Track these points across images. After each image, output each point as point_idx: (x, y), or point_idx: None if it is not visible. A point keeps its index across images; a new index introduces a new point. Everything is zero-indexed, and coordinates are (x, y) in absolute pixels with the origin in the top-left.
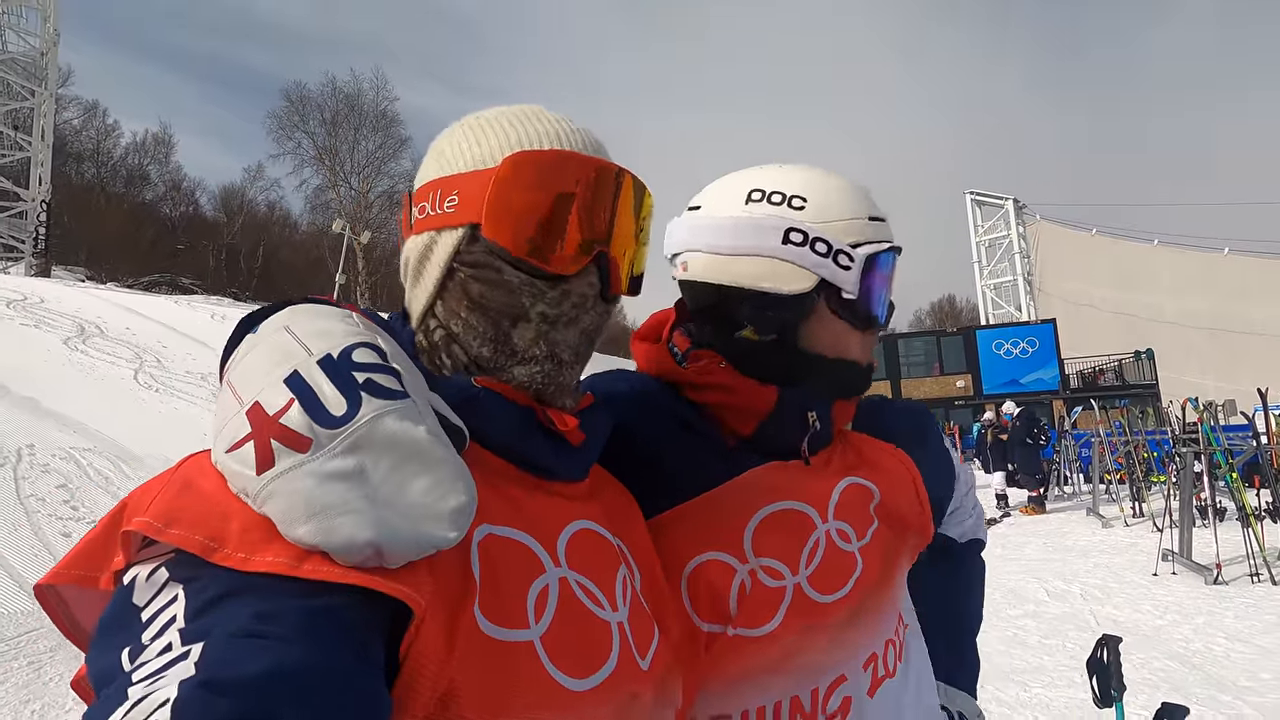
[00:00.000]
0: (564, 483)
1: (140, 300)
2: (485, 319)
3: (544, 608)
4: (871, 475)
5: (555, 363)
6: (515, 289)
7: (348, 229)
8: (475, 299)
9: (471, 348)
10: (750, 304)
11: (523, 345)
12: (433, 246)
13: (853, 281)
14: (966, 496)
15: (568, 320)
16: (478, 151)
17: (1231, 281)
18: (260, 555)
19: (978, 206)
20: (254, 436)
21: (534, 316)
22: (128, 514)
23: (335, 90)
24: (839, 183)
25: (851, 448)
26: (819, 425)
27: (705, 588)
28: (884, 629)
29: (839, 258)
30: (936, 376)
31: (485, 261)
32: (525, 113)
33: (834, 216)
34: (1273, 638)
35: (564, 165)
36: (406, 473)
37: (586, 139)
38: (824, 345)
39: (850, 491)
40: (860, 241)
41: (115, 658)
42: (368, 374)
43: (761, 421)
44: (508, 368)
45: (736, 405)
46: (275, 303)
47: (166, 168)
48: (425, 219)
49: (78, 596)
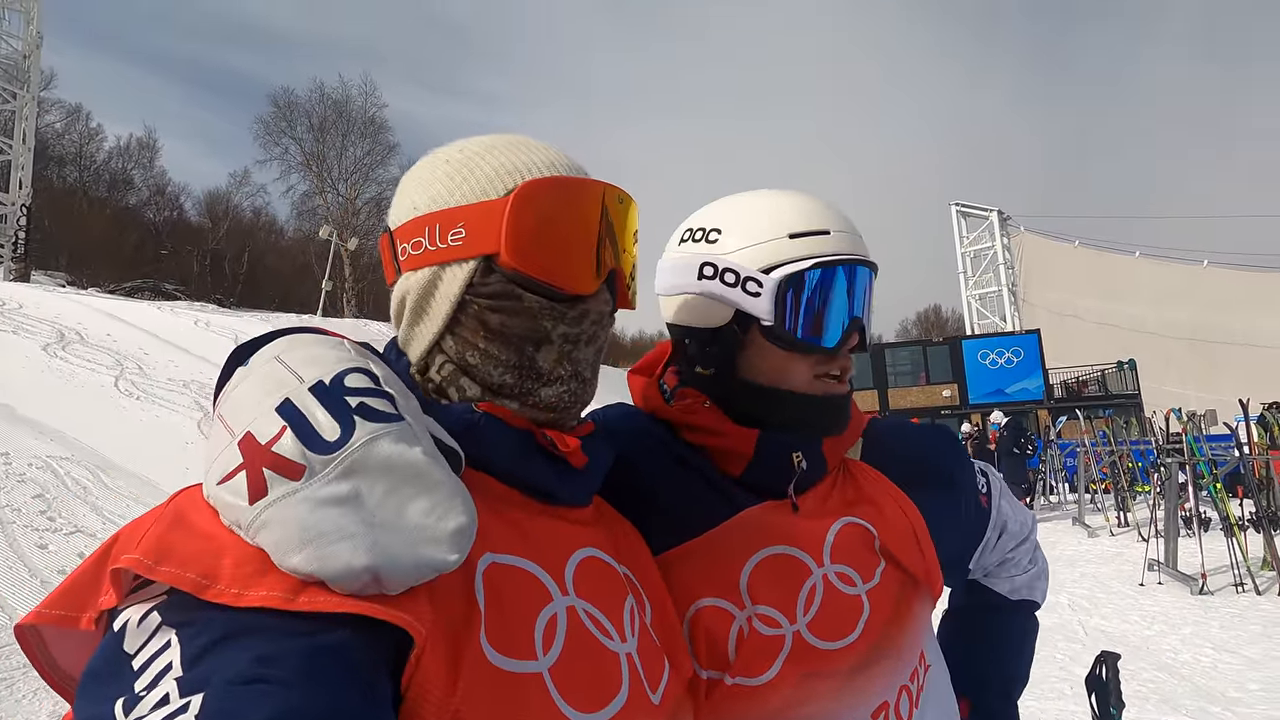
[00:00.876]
0: (568, 507)
1: (122, 306)
2: (507, 347)
3: (553, 638)
4: (870, 515)
5: (580, 381)
6: (536, 313)
7: (334, 235)
8: (495, 329)
9: (492, 377)
10: (693, 340)
11: (548, 367)
12: (437, 282)
13: (765, 308)
14: (1017, 550)
15: (588, 339)
16: (474, 183)
17: (1211, 293)
18: (254, 590)
19: (963, 218)
20: (246, 466)
21: (556, 338)
22: (117, 551)
23: (323, 96)
24: (760, 206)
25: (853, 482)
26: (805, 466)
27: (704, 634)
28: (898, 676)
29: (747, 285)
30: (923, 386)
31: (504, 291)
32: (512, 142)
33: (745, 243)
34: (1259, 648)
35: (573, 190)
36: (404, 495)
37: (573, 163)
38: (763, 375)
39: (848, 532)
40: (776, 264)
41: (107, 710)
42: (361, 398)
43: (748, 463)
44: (535, 391)
45: (722, 447)
46: (267, 334)
47: (151, 172)
48: (423, 255)
49: (57, 636)
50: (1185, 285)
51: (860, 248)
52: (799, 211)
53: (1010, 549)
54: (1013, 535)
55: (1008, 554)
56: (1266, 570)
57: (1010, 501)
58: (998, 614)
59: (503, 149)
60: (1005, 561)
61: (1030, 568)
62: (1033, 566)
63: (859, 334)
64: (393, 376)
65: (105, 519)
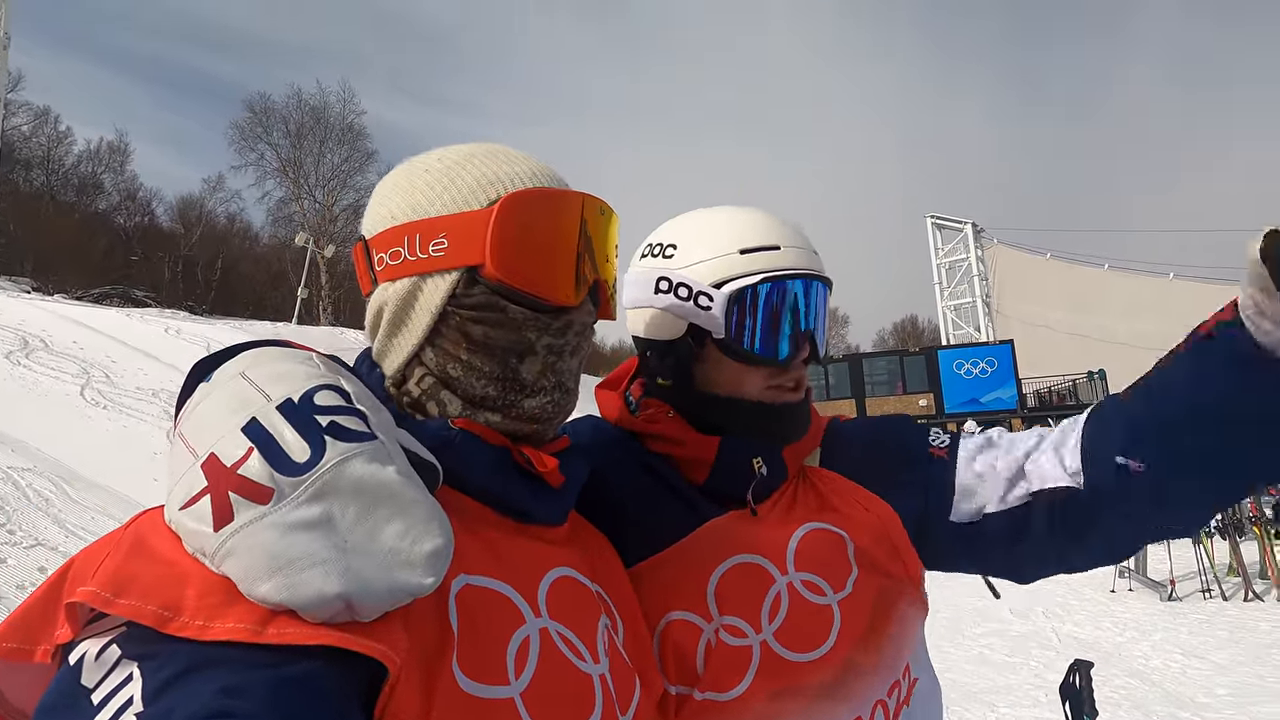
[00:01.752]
0: (543, 526)
1: (89, 313)
2: (491, 359)
3: (525, 661)
4: (838, 520)
5: (563, 391)
6: (520, 325)
7: (311, 243)
8: (478, 340)
9: (474, 389)
10: (653, 352)
11: (531, 378)
12: (418, 292)
13: (716, 322)
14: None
15: (572, 349)
16: (455, 193)
17: (1179, 305)
18: (220, 622)
19: (938, 230)
20: (210, 490)
21: (540, 349)
22: (71, 581)
23: (301, 103)
24: (714, 222)
25: (813, 489)
26: (765, 471)
27: (672, 648)
28: (874, 691)
29: (699, 299)
30: (899, 395)
31: (489, 302)
32: (492, 151)
33: (697, 258)
34: (1226, 654)
35: (556, 201)
36: (377, 518)
37: (554, 174)
38: (719, 386)
39: (813, 539)
40: (727, 278)
41: None
42: (331, 417)
43: (710, 470)
44: (518, 402)
45: (684, 456)
46: (230, 347)
47: (121, 177)
48: (402, 265)
49: (6, 670)
50: (1153, 297)
51: (813, 263)
52: (751, 227)
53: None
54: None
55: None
56: (1232, 576)
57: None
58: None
59: (483, 158)
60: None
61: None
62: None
63: (810, 346)
64: (365, 392)
65: (69, 532)
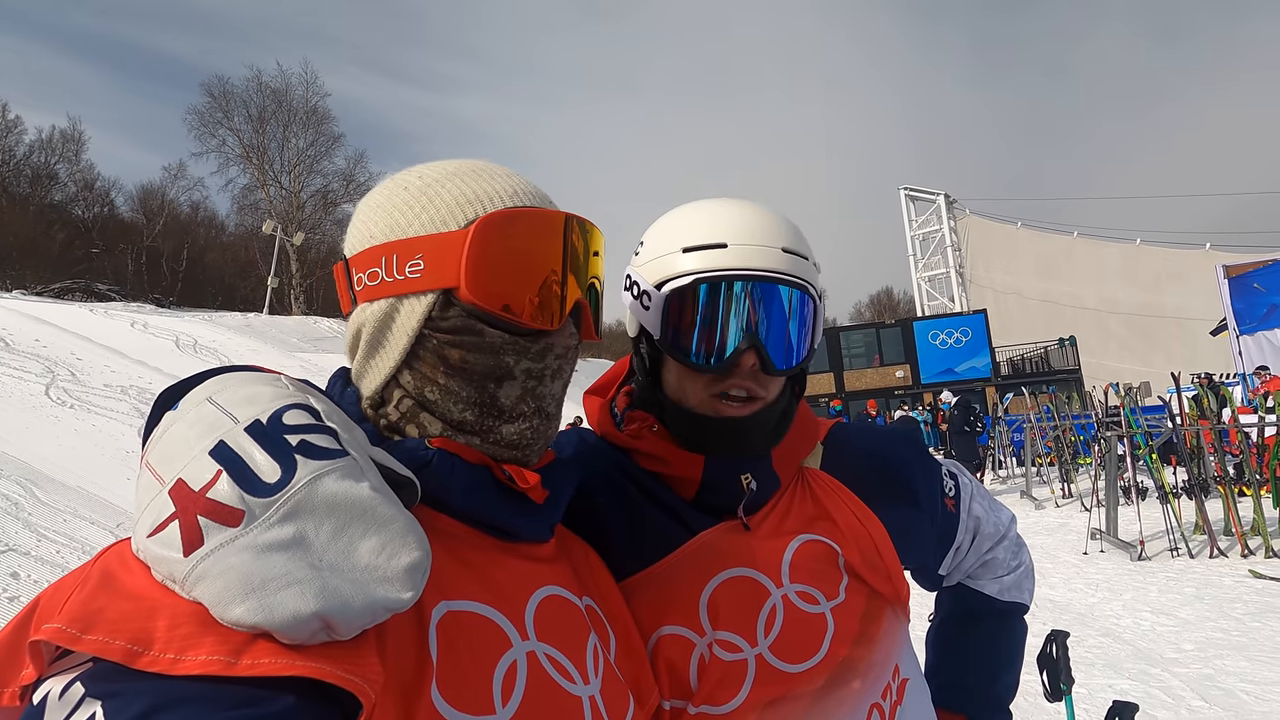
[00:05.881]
0: (529, 544)
1: (51, 309)
2: (468, 383)
3: (512, 687)
4: (831, 532)
5: (543, 417)
6: (498, 349)
7: (279, 230)
8: (455, 364)
9: (452, 413)
10: (633, 350)
11: (510, 403)
12: (394, 314)
13: (653, 322)
14: (996, 549)
15: (552, 374)
16: (434, 212)
17: (1145, 271)
18: (192, 654)
19: (911, 202)
20: (178, 515)
21: (519, 374)
22: (38, 618)
23: (261, 86)
24: (671, 219)
25: (811, 495)
26: (755, 486)
27: (665, 663)
28: (868, 695)
29: (643, 299)
30: (877, 367)
31: (464, 326)
32: (474, 169)
33: (648, 257)
34: (1192, 609)
35: (535, 222)
36: (352, 534)
37: (537, 191)
38: (671, 388)
39: (807, 550)
40: (666, 278)
41: None
42: (302, 435)
43: (699, 487)
44: (496, 428)
45: (671, 474)
46: (195, 374)
47: (77, 166)
48: (380, 286)
49: None
50: (1121, 264)
51: (775, 263)
52: (700, 224)
53: (987, 550)
54: (988, 536)
55: (986, 555)
56: (1198, 535)
57: (985, 501)
58: (987, 620)
59: (464, 176)
60: (987, 563)
61: (1016, 566)
62: (1019, 566)
63: (756, 354)
64: (335, 410)
65: (40, 535)
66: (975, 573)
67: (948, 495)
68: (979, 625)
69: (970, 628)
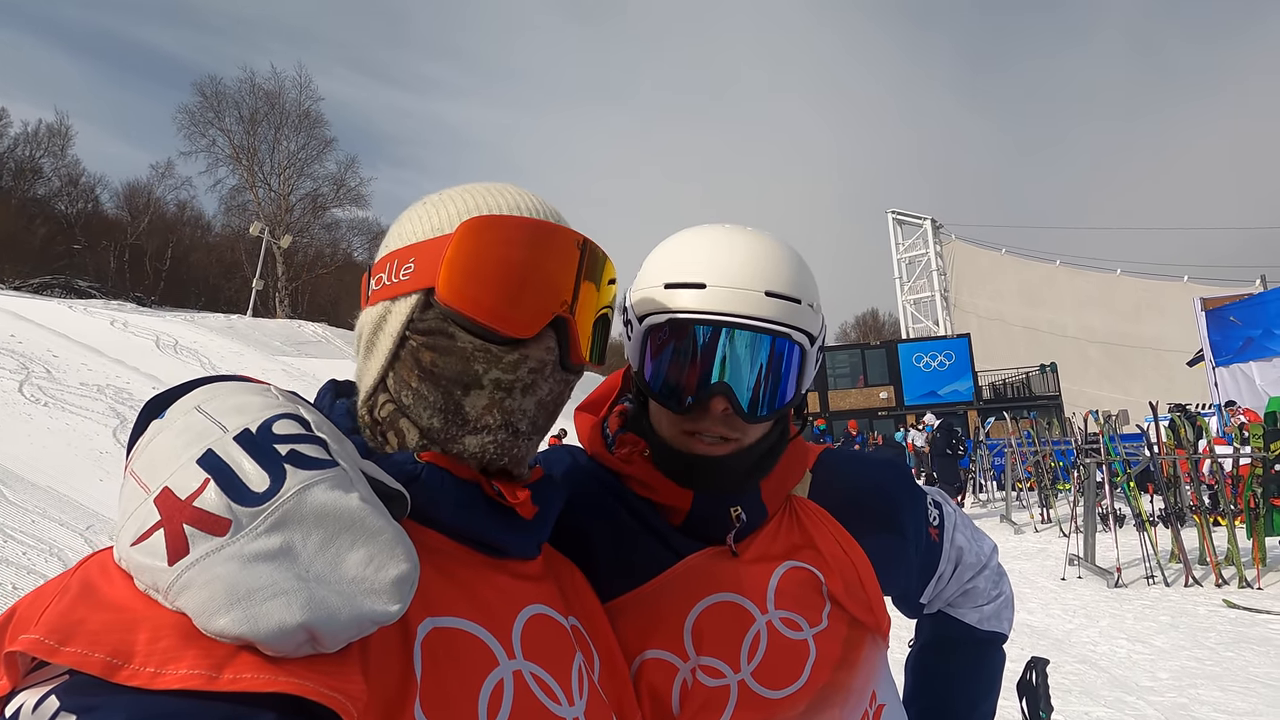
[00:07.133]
0: (516, 560)
1: (28, 305)
2: (436, 388)
3: (498, 707)
4: (815, 560)
5: (510, 432)
6: (469, 355)
7: (266, 232)
8: (426, 367)
9: (421, 419)
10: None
11: (475, 414)
12: (386, 316)
13: (634, 354)
14: (977, 578)
15: (524, 387)
16: (436, 220)
17: (1125, 300)
18: (173, 667)
19: (899, 225)
20: (164, 524)
21: (487, 383)
22: (14, 628)
23: (254, 87)
24: (664, 249)
25: (798, 524)
26: (744, 519)
27: (647, 688)
28: (848, 718)
29: (629, 329)
30: (861, 388)
31: (438, 328)
32: (491, 187)
33: (639, 286)
34: (1167, 638)
35: (521, 229)
36: (340, 546)
37: (546, 209)
38: (653, 417)
39: (792, 577)
40: (648, 313)
41: None
42: (291, 445)
43: (686, 515)
44: (459, 438)
45: (659, 501)
46: (184, 383)
47: (62, 161)
48: (380, 290)
49: None
50: (1101, 292)
51: (749, 307)
52: (684, 261)
53: (969, 579)
54: (970, 566)
55: (967, 584)
56: (1174, 563)
57: (968, 531)
58: (966, 648)
59: (476, 192)
60: (968, 592)
61: (996, 596)
62: (999, 596)
63: (727, 400)
64: (324, 421)
65: (8, 536)
66: (956, 601)
67: (932, 524)
68: (958, 653)
69: (949, 655)
